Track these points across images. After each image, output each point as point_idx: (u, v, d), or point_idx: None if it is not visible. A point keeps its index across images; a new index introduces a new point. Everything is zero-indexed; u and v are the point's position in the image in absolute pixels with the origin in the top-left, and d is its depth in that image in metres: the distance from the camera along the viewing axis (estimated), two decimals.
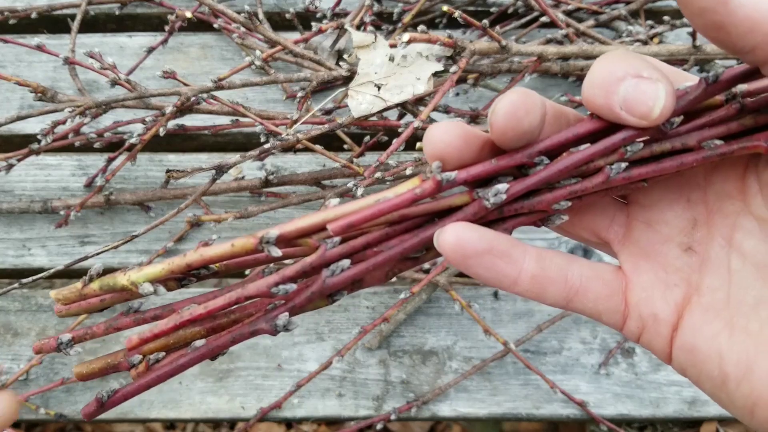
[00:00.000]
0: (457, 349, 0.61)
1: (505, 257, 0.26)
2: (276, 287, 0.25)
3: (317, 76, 0.57)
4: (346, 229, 0.25)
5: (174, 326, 0.26)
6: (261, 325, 0.26)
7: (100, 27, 0.77)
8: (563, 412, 0.59)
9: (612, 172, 0.24)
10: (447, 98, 0.70)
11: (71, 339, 0.27)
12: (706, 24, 0.21)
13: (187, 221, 0.62)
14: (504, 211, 0.26)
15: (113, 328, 0.27)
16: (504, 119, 0.23)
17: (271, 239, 0.25)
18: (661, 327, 0.26)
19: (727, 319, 0.25)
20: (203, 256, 0.26)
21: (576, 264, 0.27)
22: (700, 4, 0.21)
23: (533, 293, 0.26)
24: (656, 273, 0.26)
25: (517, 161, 0.24)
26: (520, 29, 0.72)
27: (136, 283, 0.26)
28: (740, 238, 0.25)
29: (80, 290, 0.27)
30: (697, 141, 0.24)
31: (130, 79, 0.57)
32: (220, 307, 0.26)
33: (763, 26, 0.20)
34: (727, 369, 0.24)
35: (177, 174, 0.58)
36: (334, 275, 0.25)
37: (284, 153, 0.67)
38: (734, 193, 0.25)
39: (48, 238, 0.65)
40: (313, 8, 0.70)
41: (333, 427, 0.96)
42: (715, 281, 0.25)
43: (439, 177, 0.24)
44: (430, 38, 0.51)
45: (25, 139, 0.68)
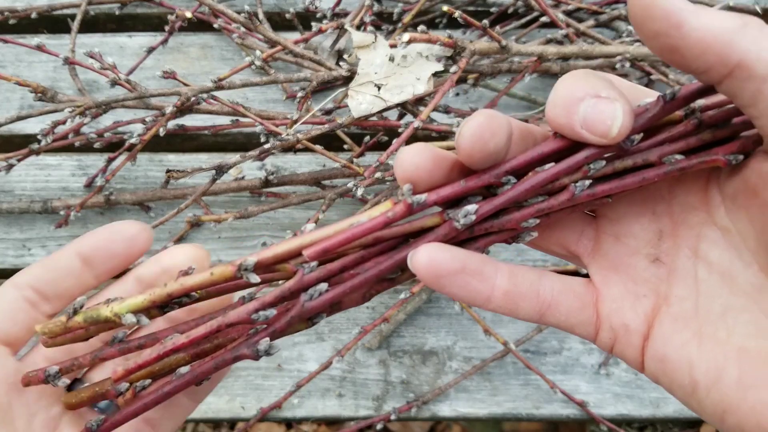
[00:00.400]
0: (457, 349, 0.61)
1: (477, 275, 0.26)
2: (256, 313, 0.26)
3: (317, 76, 0.57)
4: (322, 254, 0.25)
5: (157, 356, 0.27)
6: (243, 350, 0.26)
7: (100, 27, 0.77)
8: (563, 412, 0.59)
9: (577, 189, 0.25)
10: (447, 98, 0.70)
11: (58, 371, 0.28)
12: (661, 47, 0.22)
13: (187, 221, 0.62)
14: (474, 230, 0.26)
15: (99, 359, 0.28)
16: (470, 142, 0.24)
17: (249, 266, 0.25)
18: (632, 337, 0.26)
19: (695, 328, 0.25)
20: (183, 286, 0.27)
21: (547, 278, 0.27)
22: (653, 28, 0.21)
23: (506, 309, 0.27)
24: (625, 284, 0.27)
25: (485, 182, 0.25)
26: (520, 29, 0.72)
27: (119, 315, 0.27)
28: (705, 248, 0.26)
29: (65, 323, 0.28)
30: (657, 156, 0.25)
31: (130, 79, 0.57)
32: (202, 336, 0.26)
33: (715, 48, 0.21)
34: (697, 377, 0.24)
35: (177, 174, 0.58)
36: (312, 299, 0.26)
37: (284, 153, 0.67)
38: (698, 205, 0.26)
39: (48, 239, 0.65)
40: (313, 8, 0.70)
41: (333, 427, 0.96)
42: (683, 291, 0.26)
43: (410, 200, 0.25)
44: (430, 38, 0.51)
45: (25, 139, 0.68)
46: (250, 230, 0.65)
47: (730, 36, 0.21)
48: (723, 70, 0.21)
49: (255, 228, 0.65)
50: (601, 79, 0.23)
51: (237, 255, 0.64)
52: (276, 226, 0.65)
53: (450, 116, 0.62)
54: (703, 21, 0.21)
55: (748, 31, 0.21)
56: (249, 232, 0.65)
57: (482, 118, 0.24)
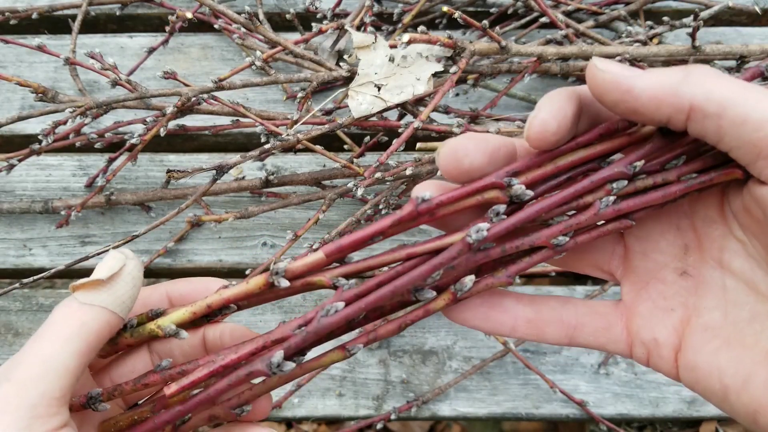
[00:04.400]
0: (457, 348, 0.61)
1: (497, 307, 0.28)
2: (300, 329, 0.26)
3: (317, 76, 0.57)
4: (337, 253, 0.27)
5: (209, 373, 0.27)
6: (257, 366, 0.27)
7: (100, 27, 0.77)
8: (563, 412, 0.59)
9: (601, 205, 0.26)
10: (447, 98, 0.70)
11: (100, 394, 0.28)
12: (623, 111, 0.25)
13: (187, 221, 0.62)
14: (506, 249, 0.27)
15: (141, 385, 0.29)
16: (445, 161, 0.26)
17: (280, 272, 0.27)
18: (663, 350, 0.28)
19: (724, 336, 0.26)
20: (222, 297, 0.28)
21: (570, 304, 0.29)
22: (611, 99, 0.24)
23: (533, 336, 0.29)
24: (654, 300, 0.28)
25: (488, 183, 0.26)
26: (519, 30, 0.72)
27: (162, 327, 0.29)
28: (728, 259, 0.27)
29: (114, 339, 0.29)
30: (676, 175, 0.26)
31: (130, 79, 0.57)
32: (250, 353, 0.27)
33: (667, 100, 0.23)
34: (727, 381, 0.25)
35: (177, 174, 0.58)
36: (328, 315, 0.26)
37: (284, 153, 0.67)
38: (717, 218, 0.27)
39: (49, 238, 0.65)
40: (314, 9, 0.70)
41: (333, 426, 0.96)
42: (712, 301, 0.27)
43: (416, 200, 0.26)
44: (430, 39, 0.51)
45: (26, 140, 0.68)
46: (250, 230, 0.65)
47: (677, 86, 0.23)
48: (680, 116, 0.24)
49: (255, 228, 0.65)
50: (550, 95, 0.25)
51: (237, 255, 0.64)
52: (276, 226, 0.65)
53: (450, 116, 0.62)
54: (648, 81, 0.24)
55: (692, 77, 0.23)
56: (249, 232, 0.65)
57: (458, 139, 0.26)
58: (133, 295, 0.28)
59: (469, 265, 0.28)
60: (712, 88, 0.23)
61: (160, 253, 0.62)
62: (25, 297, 0.64)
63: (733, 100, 0.23)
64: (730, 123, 0.23)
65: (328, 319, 0.26)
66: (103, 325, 0.27)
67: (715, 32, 0.75)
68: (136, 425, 0.29)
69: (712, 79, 0.23)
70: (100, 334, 0.27)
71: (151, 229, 0.60)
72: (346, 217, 0.64)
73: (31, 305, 0.63)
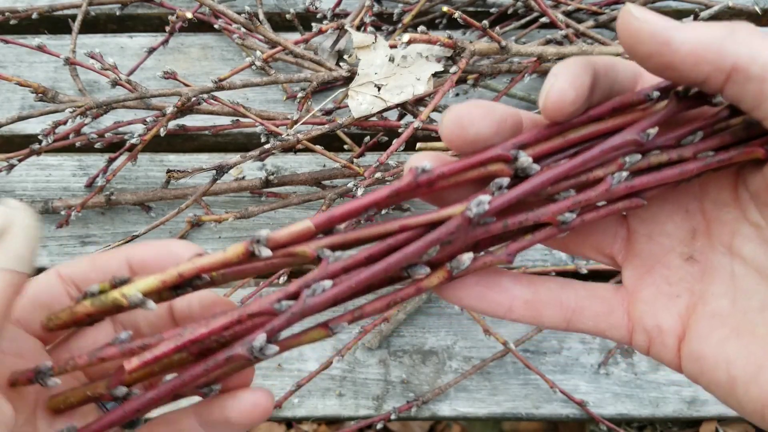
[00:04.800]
0: (457, 348, 0.61)
1: (494, 287, 0.26)
2: (279, 303, 0.24)
3: (317, 76, 0.57)
4: (327, 224, 0.24)
5: (175, 347, 0.25)
6: (237, 350, 0.24)
7: (100, 27, 0.77)
8: (563, 412, 0.59)
9: (614, 181, 0.24)
10: (447, 98, 0.70)
11: (50, 368, 0.26)
12: (656, 66, 0.23)
13: (187, 221, 0.62)
14: (509, 224, 0.25)
15: (97, 359, 0.26)
16: (449, 128, 0.24)
17: (262, 240, 0.24)
18: (667, 338, 0.26)
19: (733, 325, 0.25)
20: (195, 265, 0.25)
21: (570, 286, 0.27)
22: (644, 51, 0.22)
23: (530, 318, 0.27)
24: (659, 286, 0.27)
25: (494, 155, 0.24)
26: (519, 30, 0.72)
27: (127, 296, 0.25)
28: (739, 244, 0.25)
29: (73, 308, 0.26)
30: (693, 152, 0.25)
31: (130, 79, 0.57)
32: (222, 327, 0.24)
33: (707, 57, 0.22)
34: (735, 373, 0.24)
35: (177, 174, 0.58)
36: (315, 294, 0.24)
37: (284, 153, 0.67)
38: (729, 202, 0.26)
39: (49, 238, 0.65)
40: (314, 9, 0.70)
41: (333, 426, 0.96)
42: (720, 288, 0.26)
43: (416, 170, 0.24)
44: (430, 39, 0.52)
45: (26, 140, 0.68)
46: (250, 230, 0.65)
47: (720, 42, 0.21)
48: (720, 76, 0.22)
49: (255, 228, 0.65)
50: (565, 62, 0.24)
51: None
52: (276, 226, 0.65)
53: None
54: (690, 34, 0.22)
55: (737, 35, 0.21)
56: (249, 232, 0.65)
57: (463, 105, 0.24)
58: (30, 245, 0.25)
59: (467, 240, 0.25)
60: (759, 48, 0.21)
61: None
62: None
63: None
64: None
65: (314, 299, 0.24)
66: (5, 286, 0.24)
67: None
68: (88, 400, 0.26)
69: (758, 39, 0.21)
70: (4, 296, 0.24)
71: (151, 229, 0.60)
72: None
73: None
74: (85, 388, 0.26)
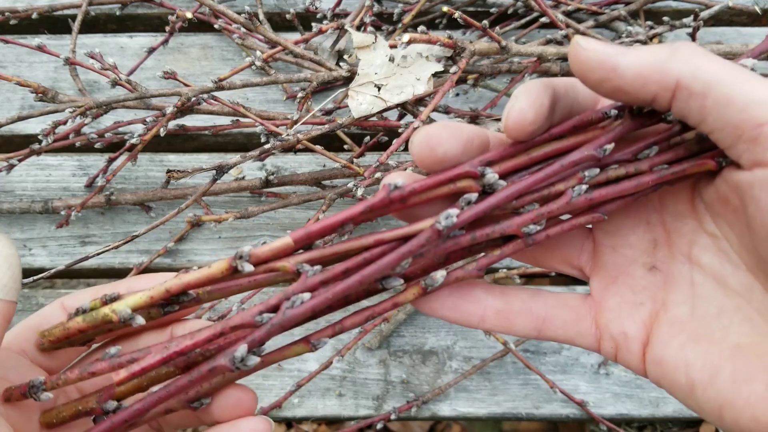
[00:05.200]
0: (457, 348, 0.61)
1: (467, 297, 0.28)
2: (260, 315, 0.25)
3: (317, 76, 0.57)
4: (305, 239, 0.26)
5: (161, 359, 0.25)
6: (219, 361, 0.25)
7: (100, 27, 0.77)
8: (563, 412, 0.59)
9: (573, 194, 0.26)
10: (447, 98, 0.70)
11: (43, 383, 0.26)
12: (608, 91, 0.24)
13: (187, 221, 0.62)
14: (477, 236, 0.27)
15: (88, 373, 0.27)
16: (418, 148, 0.25)
17: (245, 256, 0.25)
18: (632, 344, 0.27)
19: (691, 331, 0.26)
20: (182, 282, 0.26)
21: (540, 296, 0.29)
22: (595, 78, 0.24)
23: (502, 327, 0.28)
24: (623, 295, 0.28)
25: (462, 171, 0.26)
26: (519, 30, 0.72)
27: (117, 311, 0.26)
28: (697, 254, 0.27)
29: (65, 324, 0.27)
30: (648, 166, 0.26)
31: (130, 79, 0.57)
32: (206, 339, 0.25)
33: (652, 77, 0.23)
34: (694, 376, 0.25)
35: (177, 174, 0.58)
36: (294, 306, 0.25)
37: (284, 153, 0.67)
38: (687, 213, 0.27)
39: (49, 238, 0.65)
40: (314, 9, 0.70)
41: (333, 426, 0.96)
42: (680, 296, 0.27)
43: (389, 186, 0.25)
44: (430, 39, 0.52)
45: (26, 140, 0.68)
46: (250, 230, 0.65)
47: (663, 63, 0.23)
48: (666, 95, 0.23)
49: (255, 228, 0.65)
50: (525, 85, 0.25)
51: None
52: (276, 226, 0.65)
53: (450, 116, 0.62)
54: (634, 59, 0.23)
55: (679, 54, 0.23)
56: (249, 232, 0.65)
57: (432, 127, 0.25)
58: (13, 274, 0.25)
59: (437, 252, 0.27)
60: (700, 66, 0.23)
61: (160, 253, 0.62)
62: (25, 297, 0.64)
63: (720, 79, 0.22)
64: (714, 103, 0.22)
65: (293, 311, 0.25)
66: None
67: (715, 32, 0.75)
68: (80, 414, 0.27)
69: (699, 57, 0.23)
70: None
71: (151, 229, 0.60)
72: None
73: (31, 305, 0.63)
74: (77, 402, 0.27)
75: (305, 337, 0.27)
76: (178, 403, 0.27)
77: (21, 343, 0.28)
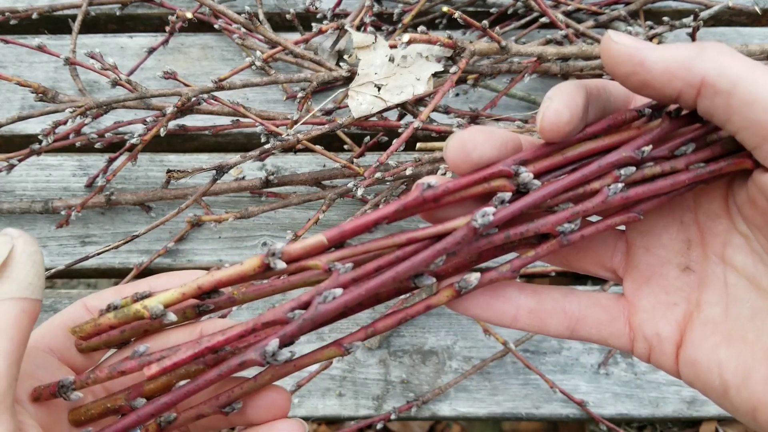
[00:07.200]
0: (456, 348, 0.61)
1: (499, 296, 0.28)
2: (292, 312, 0.25)
3: (317, 76, 0.57)
4: (339, 238, 0.25)
5: (193, 354, 0.25)
6: (249, 355, 0.25)
7: (100, 27, 0.77)
8: (563, 412, 0.59)
9: (609, 192, 0.26)
10: (447, 98, 0.70)
11: (72, 382, 0.26)
12: (635, 85, 0.25)
13: (187, 221, 0.62)
14: (511, 235, 0.26)
15: (117, 372, 0.26)
16: (454, 152, 0.26)
17: (277, 253, 0.25)
18: (665, 345, 0.27)
19: (725, 332, 0.26)
20: (214, 278, 0.26)
21: (573, 295, 0.29)
22: (623, 71, 0.24)
23: (534, 327, 0.28)
24: (657, 295, 0.28)
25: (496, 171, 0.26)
26: (519, 30, 0.72)
27: (148, 308, 0.26)
28: (731, 254, 0.27)
29: (96, 320, 0.27)
30: (685, 164, 0.26)
31: (130, 79, 0.57)
32: (237, 335, 0.25)
33: (679, 74, 0.23)
34: (727, 377, 0.25)
35: (178, 174, 0.58)
36: (326, 302, 0.25)
37: (284, 153, 0.67)
38: (721, 213, 0.27)
39: (49, 238, 0.65)
40: (314, 9, 0.70)
41: (333, 426, 0.96)
42: (713, 297, 0.27)
43: (423, 186, 0.25)
44: (430, 39, 0.52)
45: (26, 140, 0.68)
46: (250, 230, 0.65)
47: (690, 60, 0.23)
48: (691, 91, 0.23)
49: (255, 228, 0.65)
50: (558, 86, 0.25)
51: (237, 255, 0.64)
52: (276, 226, 0.65)
53: (450, 116, 0.62)
54: (662, 54, 0.24)
55: (706, 53, 0.23)
56: (249, 232, 0.65)
57: (466, 131, 0.26)
58: (38, 271, 0.25)
59: (470, 251, 0.27)
60: (726, 64, 0.23)
61: (160, 253, 0.62)
62: None
63: (745, 78, 0.22)
64: (739, 102, 0.22)
65: (325, 306, 0.25)
66: (19, 314, 0.24)
67: (715, 32, 0.75)
68: (109, 413, 0.27)
69: (726, 56, 0.23)
70: (20, 325, 0.24)
71: (151, 229, 0.60)
72: (346, 217, 0.64)
73: None
74: (105, 400, 0.27)
75: (337, 341, 0.27)
76: (210, 408, 0.27)
77: (48, 341, 0.29)
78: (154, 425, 0.26)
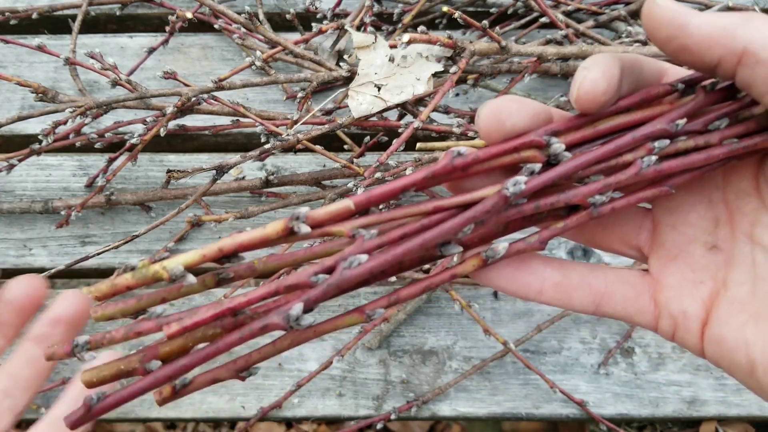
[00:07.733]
0: (457, 348, 0.61)
1: (525, 269, 0.27)
2: (316, 276, 0.24)
3: (317, 76, 0.57)
4: (366, 204, 0.25)
5: (214, 314, 0.24)
6: (272, 318, 0.24)
7: (100, 27, 0.77)
8: (563, 412, 0.59)
9: (643, 164, 0.25)
10: (447, 98, 0.70)
11: (87, 342, 0.25)
12: (674, 49, 0.24)
13: (187, 221, 0.62)
14: (540, 205, 0.26)
15: (134, 333, 0.25)
16: (486, 121, 0.25)
17: (301, 217, 0.24)
18: (691, 323, 0.27)
19: (752, 311, 0.26)
20: (235, 241, 0.25)
21: (599, 270, 0.28)
22: (663, 35, 0.24)
23: (559, 301, 0.28)
24: (683, 273, 0.28)
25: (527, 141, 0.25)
26: (519, 30, 0.72)
27: (167, 269, 0.25)
28: (760, 233, 0.26)
29: (113, 281, 0.26)
30: (719, 139, 0.26)
31: (130, 79, 0.57)
32: (260, 297, 0.24)
33: (720, 40, 0.23)
34: (754, 356, 0.25)
35: (178, 174, 0.59)
36: (351, 267, 0.24)
37: (284, 153, 0.67)
38: (750, 191, 0.27)
39: (49, 238, 0.65)
40: (314, 9, 0.70)
41: (333, 426, 0.96)
42: (741, 276, 0.27)
43: (453, 154, 0.25)
44: (430, 39, 0.52)
45: (26, 140, 0.68)
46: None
47: (733, 27, 0.23)
48: (732, 59, 0.23)
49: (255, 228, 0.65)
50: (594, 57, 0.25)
51: None
52: None
53: (450, 116, 0.62)
54: (705, 19, 0.23)
55: (751, 21, 0.23)
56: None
57: (499, 100, 0.25)
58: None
59: (499, 220, 0.26)
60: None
61: (160, 253, 0.62)
62: None
63: None
64: None
65: (351, 272, 0.24)
66: None
67: None
68: (122, 375, 0.26)
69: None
70: None
71: (151, 229, 0.60)
72: None
73: None
74: (119, 362, 0.26)
75: (359, 308, 0.26)
76: (227, 372, 0.26)
77: None
78: (168, 388, 0.25)
